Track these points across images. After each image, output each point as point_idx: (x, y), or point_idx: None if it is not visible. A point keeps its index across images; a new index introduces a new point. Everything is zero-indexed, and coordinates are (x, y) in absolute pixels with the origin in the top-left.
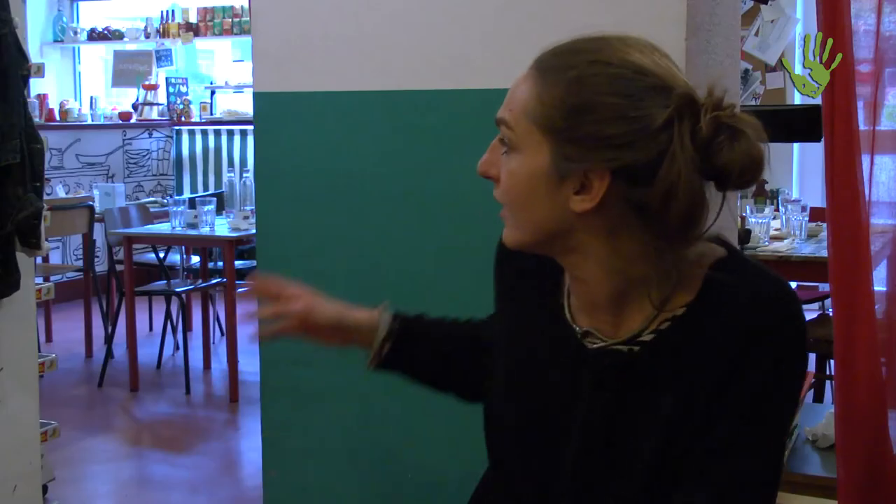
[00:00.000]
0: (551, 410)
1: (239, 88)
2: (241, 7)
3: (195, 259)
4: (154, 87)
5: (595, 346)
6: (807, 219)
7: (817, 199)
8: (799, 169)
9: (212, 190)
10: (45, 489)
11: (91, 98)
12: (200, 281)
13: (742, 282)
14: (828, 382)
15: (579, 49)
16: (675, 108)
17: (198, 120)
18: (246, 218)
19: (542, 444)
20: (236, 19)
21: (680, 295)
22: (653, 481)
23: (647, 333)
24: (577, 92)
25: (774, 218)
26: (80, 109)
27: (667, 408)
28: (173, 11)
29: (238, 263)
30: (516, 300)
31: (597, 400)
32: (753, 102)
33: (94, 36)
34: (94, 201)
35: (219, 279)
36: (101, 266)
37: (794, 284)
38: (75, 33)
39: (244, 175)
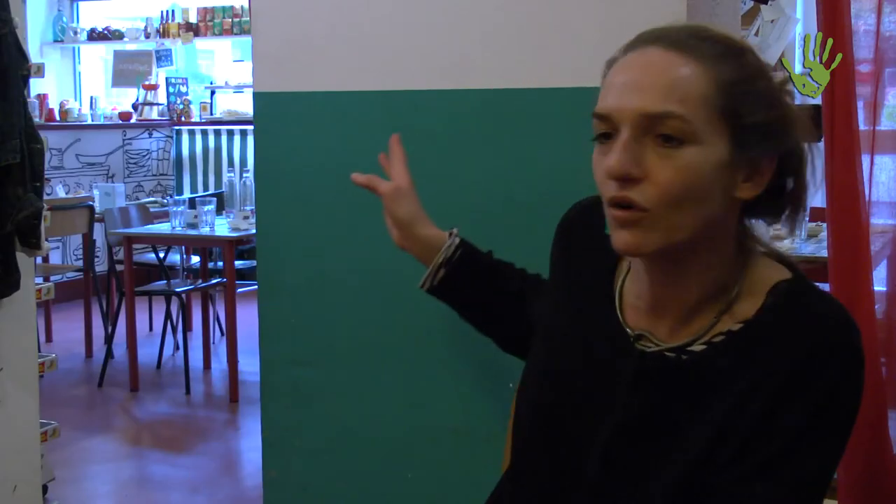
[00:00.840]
0: (586, 404)
1: (239, 88)
2: (241, 7)
3: (195, 259)
4: (154, 87)
5: (649, 349)
6: (807, 219)
7: (817, 199)
8: None
9: (212, 190)
10: (45, 489)
11: (91, 98)
12: (200, 281)
13: (803, 305)
14: None
15: (721, 33)
16: (787, 89)
17: (198, 120)
18: (246, 218)
19: (573, 433)
20: (236, 19)
21: (741, 308)
22: (672, 495)
23: (699, 344)
24: (751, 77)
25: None
26: (80, 109)
27: (708, 423)
28: (173, 11)
29: (238, 263)
30: (569, 283)
31: (635, 401)
32: None
33: (94, 36)
34: (94, 201)
35: (219, 279)
36: (101, 266)
37: None
38: (75, 33)
39: (244, 175)
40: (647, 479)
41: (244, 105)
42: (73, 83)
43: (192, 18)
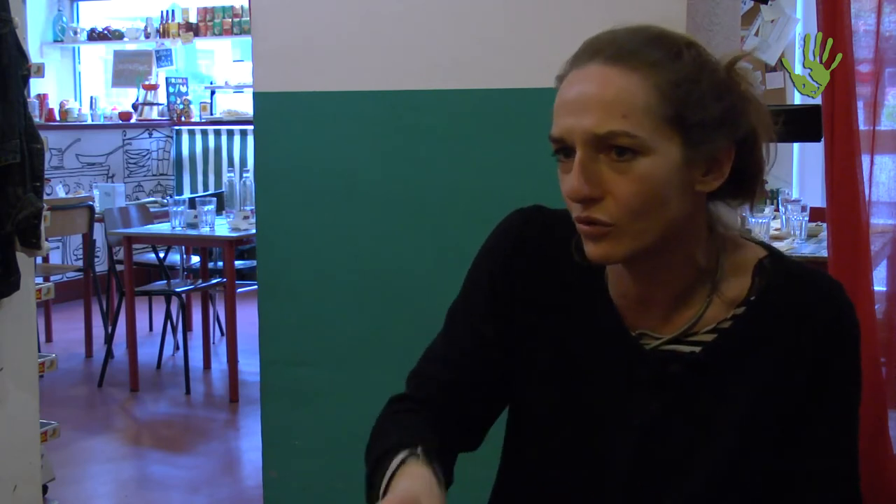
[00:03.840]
0: (607, 417)
1: (239, 88)
2: (241, 7)
3: (195, 259)
4: (154, 87)
5: (651, 346)
6: (807, 219)
7: (817, 199)
8: (799, 169)
9: (212, 190)
10: (45, 489)
11: (91, 98)
12: (200, 281)
13: (794, 276)
14: None
15: (659, 34)
16: (730, 70)
17: (198, 120)
18: (246, 218)
19: (597, 450)
20: (236, 19)
21: (729, 289)
22: (717, 485)
23: (706, 332)
24: (693, 75)
25: (774, 218)
26: (80, 109)
27: (739, 410)
28: (173, 11)
29: (238, 263)
30: (550, 300)
31: (656, 403)
32: None
33: (94, 36)
34: (94, 201)
35: (219, 279)
36: (101, 266)
37: None
38: (75, 33)
39: (244, 175)
40: (683, 478)
41: (244, 105)
42: (73, 83)
43: (192, 18)
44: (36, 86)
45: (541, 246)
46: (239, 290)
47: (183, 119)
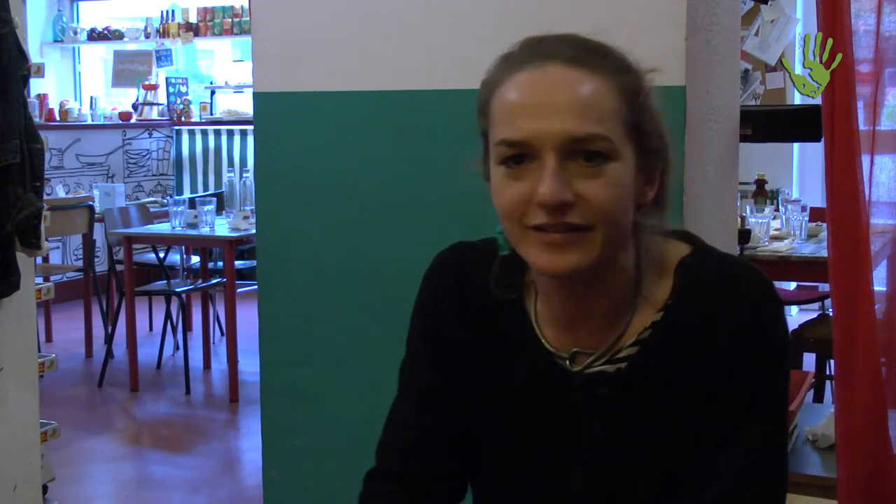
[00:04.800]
0: (555, 444)
1: (239, 88)
2: (241, 7)
3: (195, 259)
4: (154, 87)
5: (580, 367)
6: (807, 219)
7: (817, 199)
8: (799, 169)
9: (212, 190)
10: (45, 489)
11: (91, 98)
12: (200, 281)
13: (713, 276)
14: (828, 382)
15: (604, 45)
16: (648, 80)
17: (198, 120)
18: (246, 218)
19: (551, 478)
20: (236, 19)
21: (654, 294)
22: (663, 489)
23: (629, 347)
24: (644, 86)
25: (774, 218)
26: (80, 109)
27: (669, 416)
28: (173, 11)
29: (238, 263)
30: (481, 342)
31: (596, 425)
32: (753, 102)
33: (94, 36)
34: (94, 201)
35: (219, 279)
36: (101, 266)
37: (793, 285)
38: (75, 33)
39: (244, 175)
40: (632, 490)
41: (244, 105)
42: (73, 83)
43: (192, 18)
44: (36, 86)
45: (462, 289)
46: (239, 290)
47: (183, 119)
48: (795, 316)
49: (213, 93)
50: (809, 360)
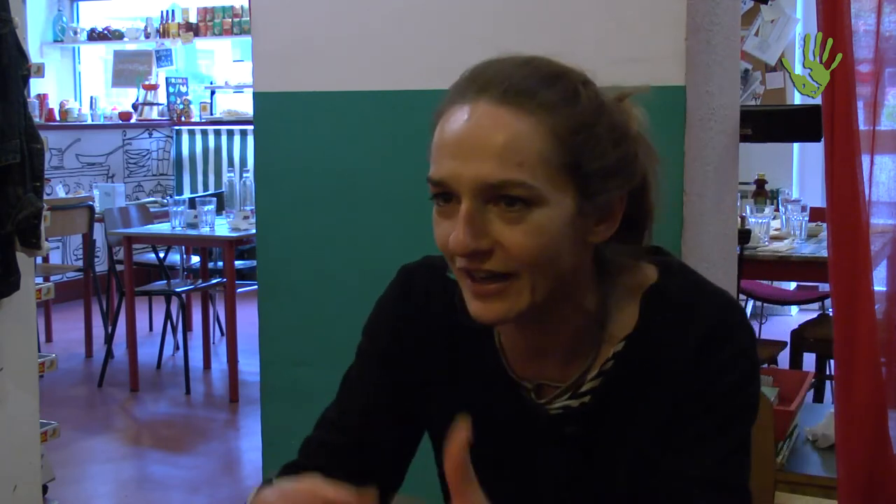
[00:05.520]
0: (522, 474)
1: (239, 88)
2: (241, 7)
3: (195, 259)
4: (154, 87)
5: (545, 400)
6: (807, 219)
7: (817, 199)
8: (799, 169)
9: (212, 190)
10: (45, 489)
11: (91, 98)
12: (200, 281)
13: (672, 304)
14: (828, 382)
15: (555, 72)
16: (628, 109)
17: (198, 120)
18: (246, 218)
19: None
20: (236, 19)
21: (620, 325)
22: None
23: (592, 380)
24: (591, 119)
25: (774, 218)
26: (80, 109)
27: (635, 445)
28: (173, 11)
29: (238, 263)
30: (443, 377)
31: (561, 457)
32: (753, 102)
33: (94, 36)
34: (94, 201)
35: (219, 279)
36: (101, 266)
37: (793, 285)
38: (75, 33)
39: (244, 175)
40: None
41: (244, 105)
42: (73, 83)
43: (192, 18)
44: (36, 86)
45: (426, 309)
46: (239, 290)
47: (183, 119)
48: (795, 316)
49: (213, 93)
50: (809, 360)
